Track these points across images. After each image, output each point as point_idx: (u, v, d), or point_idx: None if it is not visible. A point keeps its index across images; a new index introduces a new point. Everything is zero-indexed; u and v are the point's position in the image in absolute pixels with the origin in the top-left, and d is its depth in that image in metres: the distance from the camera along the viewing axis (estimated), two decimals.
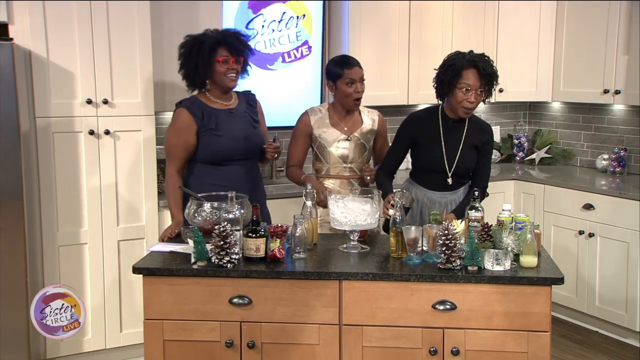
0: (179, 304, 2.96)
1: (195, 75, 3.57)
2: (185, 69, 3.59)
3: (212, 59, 3.51)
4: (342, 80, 3.80)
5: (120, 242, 4.29)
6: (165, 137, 3.63)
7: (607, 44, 5.06)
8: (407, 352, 2.93)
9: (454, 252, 2.89)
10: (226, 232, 2.90)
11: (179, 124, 3.55)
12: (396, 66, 5.27)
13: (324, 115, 3.89)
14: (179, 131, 3.54)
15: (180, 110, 3.57)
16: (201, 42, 3.52)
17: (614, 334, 4.74)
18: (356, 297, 2.93)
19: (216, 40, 3.53)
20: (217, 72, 3.53)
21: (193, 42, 3.55)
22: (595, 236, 4.78)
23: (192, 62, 3.54)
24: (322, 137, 3.86)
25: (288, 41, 5.24)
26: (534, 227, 3.03)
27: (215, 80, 3.57)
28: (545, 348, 2.88)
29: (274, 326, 2.96)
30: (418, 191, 3.76)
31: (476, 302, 2.88)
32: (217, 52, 3.52)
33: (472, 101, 3.55)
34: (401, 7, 5.20)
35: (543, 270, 2.94)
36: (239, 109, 3.67)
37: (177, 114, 3.58)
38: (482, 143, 3.70)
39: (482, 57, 3.54)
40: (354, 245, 3.23)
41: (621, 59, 4.96)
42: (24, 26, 3.94)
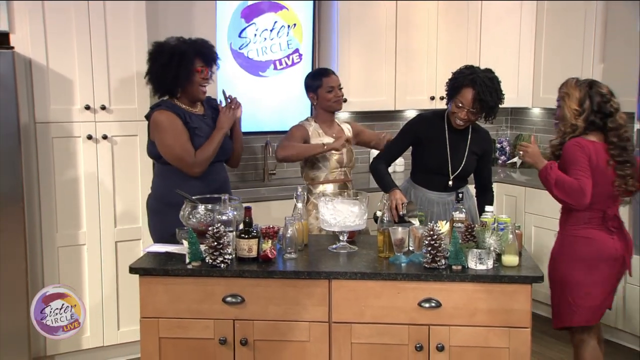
0: (174, 302, 2.95)
1: (171, 84, 3.51)
2: (160, 76, 3.52)
3: (191, 69, 3.49)
4: (322, 90, 3.89)
5: (117, 243, 4.27)
6: (165, 145, 3.49)
7: (583, 53, 5.07)
8: (394, 348, 2.93)
9: (439, 252, 2.88)
10: (219, 233, 2.89)
11: (171, 124, 3.47)
12: (383, 73, 5.27)
13: (315, 127, 3.93)
14: (175, 129, 3.47)
15: (162, 112, 3.48)
16: (182, 53, 3.48)
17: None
18: (345, 295, 2.92)
19: (195, 51, 3.51)
20: (194, 82, 3.52)
21: (172, 51, 3.49)
22: None
23: (171, 71, 3.47)
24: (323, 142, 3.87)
25: (279, 49, 5.24)
26: (515, 228, 3.03)
27: (188, 90, 3.54)
28: (526, 343, 2.88)
29: (266, 324, 2.95)
30: (417, 191, 3.78)
31: (460, 300, 2.88)
32: (195, 62, 3.51)
33: (463, 118, 3.57)
34: (388, 16, 5.21)
35: (524, 269, 2.94)
36: (207, 115, 3.66)
37: (162, 117, 3.48)
38: (482, 151, 3.74)
39: (485, 82, 3.48)
40: (343, 245, 3.23)
41: (597, 67, 4.98)
42: (24, 35, 3.92)
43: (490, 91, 3.50)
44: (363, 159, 5.46)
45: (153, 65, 3.56)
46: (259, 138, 5.20)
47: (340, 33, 5.08)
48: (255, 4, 5.09)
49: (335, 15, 5.09)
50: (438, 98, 5.30)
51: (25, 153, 3.94)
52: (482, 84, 3.49)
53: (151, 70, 3.57)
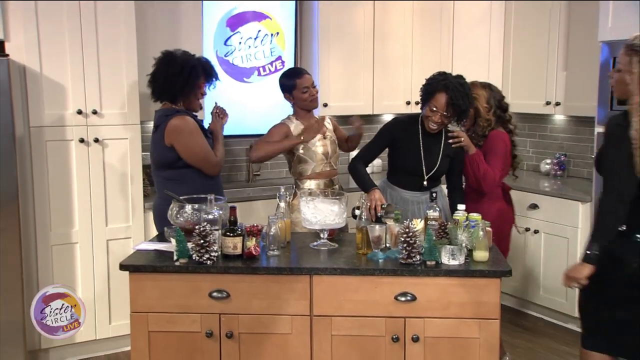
0: (163, 298, 2.93)
1: (178, 91, 3.51)
2: (169, 83, 3.50)
3: (197, 83, 3.53)
4: (297, 91, 3.87)
5: (108, 241, 4.24)
6: (191, 147, 3.46)
7: (548, 61, 5.11)
8: (372, 339, 2.92)
9: (414, 248, 2.89)
10: (206, 232, 2.87)
11: (194, 127, 3.48)
12: (362, 79, 5.27)
13: (297, 123, 3.90)
14: (198, 132, 3.48)
15: (182, 117, 3.46)
16: (193, 67, 3.51)
17: (557, 320, 4.79)
18: (325, 290, 2.91)
19: (203, 68, 3.56)
20: (196, 94, 3.57)
21: (184, 63, 3.50)
22: (540, 233, 4.83)
23: (181, 80, 3.48)
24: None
25: (263, 56, 5.22)
26: (486, 225, 3.05)
27: (189, 100, 3.57)
28: (495, 334, 2.89)
29: (250, 317, 2.94)
30: (393, 191, 3.78)
31: (434, 294, 2.88)
32: (200, 77, 3.56)
33: (436, 121, 3.58)
34: (366, 26, 5.21)
35: (493, 263, 2.95)
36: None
37: (183, 122, 3.45)
38: (455, 153, 3.74)
39: (457, 87, 3.50)
40: (324, 242, 3.22)
41: (560, 74, 5.02)
42: (19, 43, 3.89)
43: (462, 96, 3.51)
44: (343, 160, 5.45)
45: (162, 72, 3.53)
46: (243, 141, 5.18)
47: (321, 41, 5.08)
48: (240, 14, 5.08)
49: (316, 24, 5.09)
50: (413, 103, 5.31)
51: (20, 156, 3.90)
52: (454, 89, 3.49)
53: (159, 76, 3.54)
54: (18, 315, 3.83)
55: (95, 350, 4.30)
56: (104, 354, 4.32)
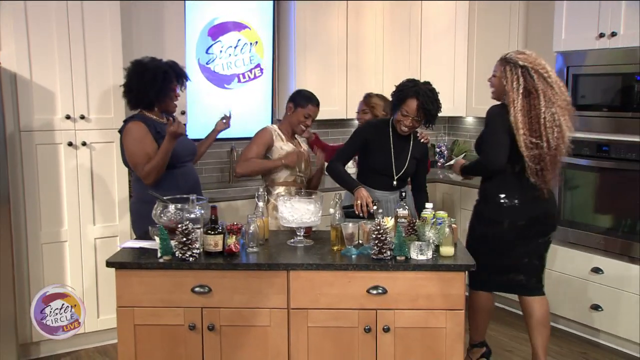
0: (148, 293, 2.90)
1: (153, 98, 3.50)
2: (143, 91, 3.49)
3: (170, 87, 3.53)
4: (303, 110, 3.83)
5: (96, 239, 4.19)
6: (129, 150, 3.47)
7: None
8: (346, 330, 2.92)
9: (385, 244, 2.89)
10: (188, 230, 2.85)
11: (138, 133, 3.45)
12: (336, 85, 5.26)
13: (279, 132, 3.89)
14: (142, 138, 3.44)
15: (135, 123, 3.48)
16: (165, 72, 3.49)
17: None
18: (302, 284, 2.90)
19: (174, 72, 3.55)
20: (171, 97, 3.57)
21: (156, 70, 3.48)
22: None
23: (155, 87, 3.47)
24: (283, 149, 3.83)
25: (243, 64, 5.19)
26: (452, 222, 3.05)
27: (165, 104, 3.57)
28: (460, 323, 2.90)
29: (231, 311, 2.92)
30: None
31: (404, 287, 2.89)
32: (173, 81, 3.55)
33: (408, 125, 3.59)
34: (339, 36, 5.21)
35: (459, 258, 2.96)
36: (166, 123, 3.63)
37: (134, 126, 3.46)
38: (421, 155, 3.75)
39: (427, 93, 3.52)
40: (300, 240, 3.21)
41: None
42: (10, 51, 3.83)
43: (432, 101, 3.52)
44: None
45: (135, 82, 3.51)
46: (225, 144, 5.14)
47: (298, 50, 5.06)
48: (221, 24, 5.04)
49: (293, 34, 5.07)
50: None
51: (11, 158, 3.84)
52: (424, 94, 3.51)
53: (132, 86, 3.52)
54: (10, 309, 3.77)
55: (84, 343, 4.24)
56: (93, 347, 4.26)
